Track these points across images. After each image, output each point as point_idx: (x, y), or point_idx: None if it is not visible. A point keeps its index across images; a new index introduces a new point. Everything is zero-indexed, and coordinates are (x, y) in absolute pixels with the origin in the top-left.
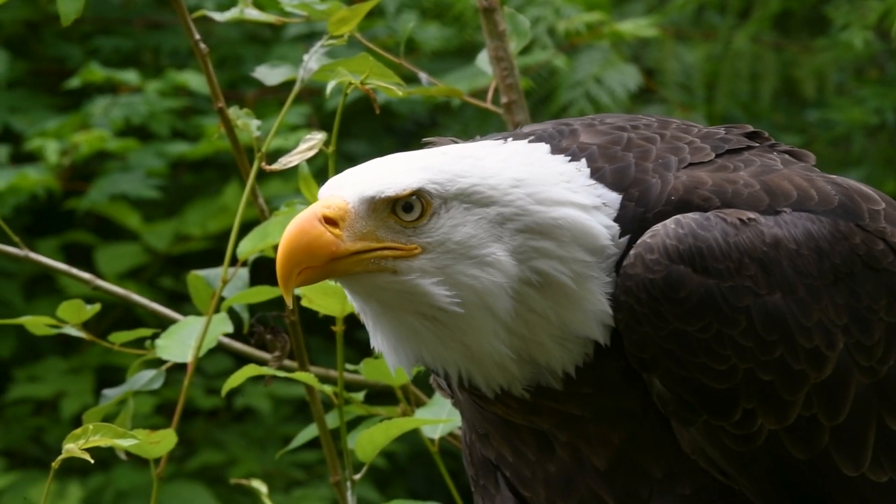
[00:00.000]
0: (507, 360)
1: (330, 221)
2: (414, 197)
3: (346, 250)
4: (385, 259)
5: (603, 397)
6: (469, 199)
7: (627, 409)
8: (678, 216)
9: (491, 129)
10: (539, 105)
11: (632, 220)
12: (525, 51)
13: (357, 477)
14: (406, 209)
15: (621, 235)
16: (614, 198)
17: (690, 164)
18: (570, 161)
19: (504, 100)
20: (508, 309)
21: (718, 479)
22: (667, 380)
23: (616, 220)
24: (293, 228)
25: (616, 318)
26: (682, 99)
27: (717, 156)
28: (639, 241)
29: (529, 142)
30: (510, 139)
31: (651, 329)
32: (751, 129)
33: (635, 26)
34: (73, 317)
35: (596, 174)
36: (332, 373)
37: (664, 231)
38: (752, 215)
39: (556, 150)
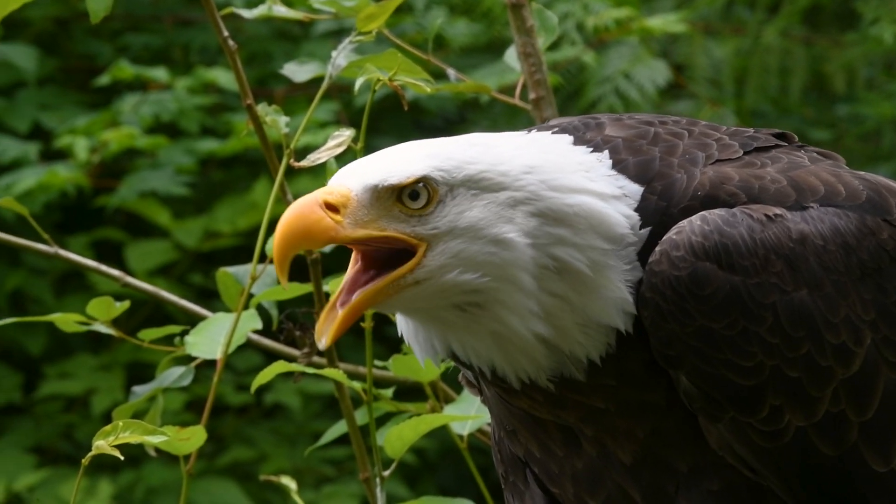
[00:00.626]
0: (535, 345)
1: (331, 207)
2: (420, 184)
3: (345, 237)
4: (402, 278)
5: (626, 390)
6: (477, 185)
7: (652, 402)
8: (704, 212)
9: (520, 125)
10: (568, 101)
11: (653, 213)
12: (554, 47)
13: (386, 473)
14: (412, 197)
15: (642, 227)
16: (636, 189)
17: (718, 161)
18: (593, 152)
19: (532, 96)
20: (532, 282)
21: (746, 475)
22: (693, 376)
23: (636, 211)
24: (292, 212)
25: (642, 315)
26: (711, 94)
27: (745, 153)
28: (664, 238)
29: (553, 133)
30: (534, 131)
31: (677, 326)
32: (779, 131)
33: (664, 22)
34: (102, 314)
35: (618, 166)
36: (362, 369)
37: (690, 227)
38: (778, 211)
39: (579, 142)
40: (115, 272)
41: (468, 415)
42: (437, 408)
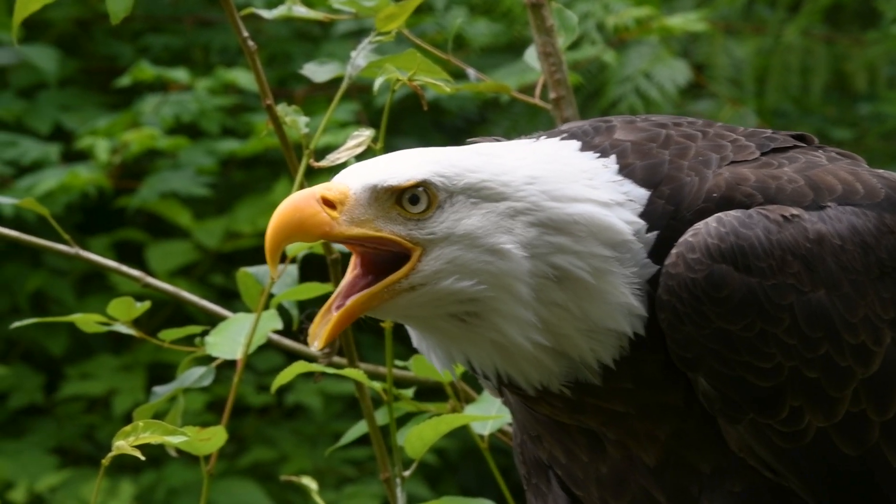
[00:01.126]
0: (539, 353)
1: (329, 203)
2: (420, 189)
3: (339, 233)
4: (397, 283)
5: (644, 392)
6: (478, 194)
7: (671, 404)
8: (720, 214)
9: (540, 124)
10: (588, 100)
11: (660, 217)
12: (574, 46)
13: (407, 473)
14: (412, 201)
15: (649, 231)
16: (642, 194)
17: (733, 162)
18: (599, 158)
19: (552, 95)
20: (529, 293)
21: (768, 476)
22: (712, 378)
23: (642, 216)
24: (288, 204)
25: (659, 318)
26: (732, 94)
27: (762, 154)
28: (680, 240)
29: (561, 139)
30: (544, 137)
31: (694, 328)
32: (799, 133)
33: (685, 21)
34: (123, 314)
35: (624, 170)
36: (382, 369)
37: (706, 229)
38: (795, 211)
39: (586, 147)
40: (136, 273)
41: (489, 415)
42: (458, 408)
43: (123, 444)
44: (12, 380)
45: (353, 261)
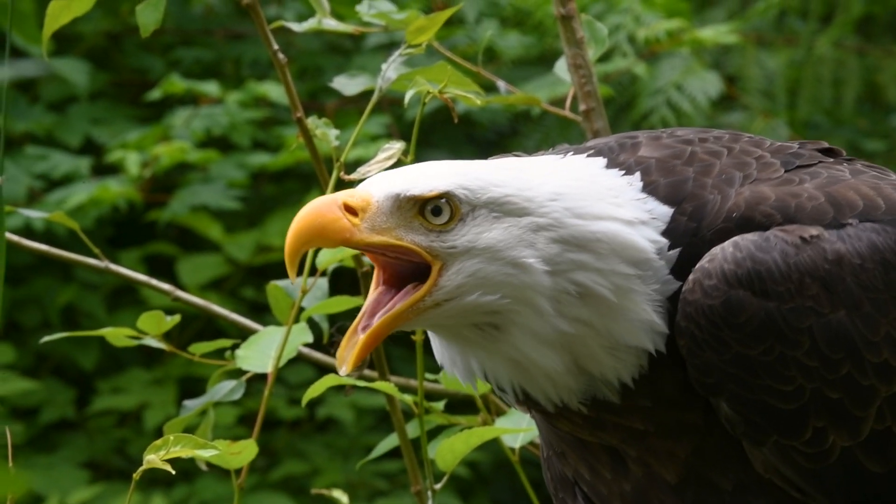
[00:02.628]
0: (558, 370)
1: (351, 210)
2: (443, 200)
3: (359, 240)
4: (421, 301)
5: (663, 411)
6: (500, 208)
7: (690, 422)
8: (737, 238)
9: (572, 136)
10: (620, 113)
11: (683, 235)
12: (604, 58)
13: (438, 486)
14: (435, 212)
15: (671, 249)
16: (665, 212)
17: (756, 180)
18: (624, 175)
19: (583, 107)
20: (550, 307)
21: (794, 495)
22: (733, 402)
23: (665, 233)
24: (309, 209)
25: (678, 343)
26: (763, 105)
27: (787, 171)
28: (697, 266)
29: (588, 156)
30: (571, 153)
31: (713, 354)
32: (826, 145)
33: (716, 33)
34: (153, 328)
35: (648, 188)
36: (413, 382)
37: (722, 255)
38: (814, 231)
39: (612, 164)
40: (167, 286)
41: (520, 428)
42: (489, 420)
43: (154, 459)
44: (43, 394)
45: (375, 278)
